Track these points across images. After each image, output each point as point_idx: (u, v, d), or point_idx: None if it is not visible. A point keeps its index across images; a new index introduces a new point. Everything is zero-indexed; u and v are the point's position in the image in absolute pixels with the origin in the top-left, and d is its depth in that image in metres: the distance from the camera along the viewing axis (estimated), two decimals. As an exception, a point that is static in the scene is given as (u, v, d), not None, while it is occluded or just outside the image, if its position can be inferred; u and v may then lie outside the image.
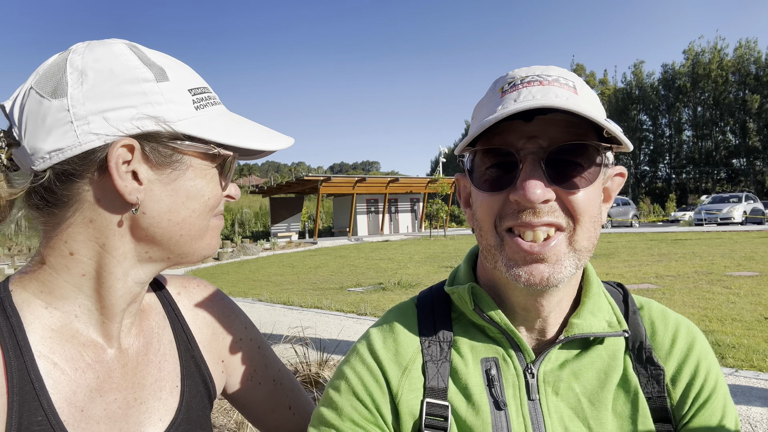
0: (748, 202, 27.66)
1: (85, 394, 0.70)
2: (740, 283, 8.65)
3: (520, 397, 0.77)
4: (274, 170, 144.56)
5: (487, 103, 0.75)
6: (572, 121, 0.70)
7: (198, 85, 0.75)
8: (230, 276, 15.87)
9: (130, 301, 0.76)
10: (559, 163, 0.70)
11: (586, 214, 0.71)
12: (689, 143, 66.60)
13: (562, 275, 0.71)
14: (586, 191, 0.71)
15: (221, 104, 0.79)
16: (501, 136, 0.71)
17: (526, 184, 0.68)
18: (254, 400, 0.97)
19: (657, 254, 13.82)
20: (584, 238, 0.72)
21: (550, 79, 0.71)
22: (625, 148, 0.74)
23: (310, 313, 8.46)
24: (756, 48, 58.86)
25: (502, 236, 0.73)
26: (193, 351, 0.87)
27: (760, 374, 4.46)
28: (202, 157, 0.74)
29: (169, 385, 0.81)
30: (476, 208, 0.77)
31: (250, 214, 50.69)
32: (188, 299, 0.92)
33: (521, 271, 0.71)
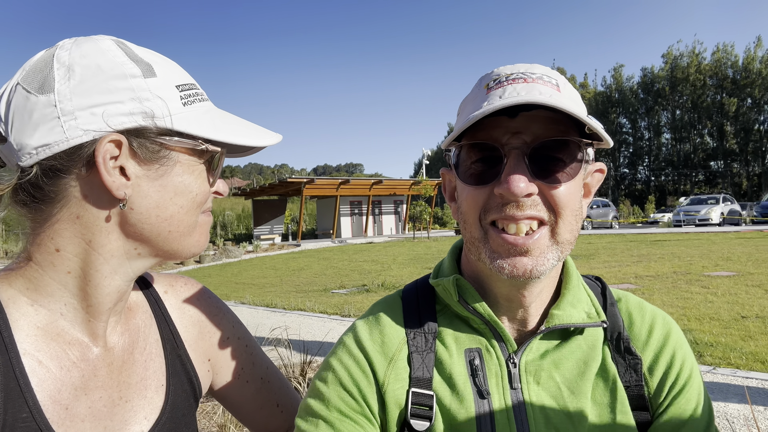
0: (726, 204, 28.21)
1: (70, 392, 0.70)
2: (718, 282, 8.82)
3: (503, 386, 0.79)
4: (257, 172, 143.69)
5: (473, 99, 0.77)
6: (555, 117, 0.73)
7: (185, 81, 0.75)
8: (212, 279, 15.72)
9: (117, 300, 0.75)
10: (542, 158, 0.72)
11: (567, 207, 0.74)
12: (668, 146, 67.77)
13: (544, 267, 0.73)
14: (567, 186, 0.74)
15: (209, 101, 0.79)
16: (486, 131, 0.74)
17: (510, 178, 0.70)
18: (242, 398, 0.97)
19: (636, 255, 14.02)
20: (566, 231, 0.75)
21: (534, 76, 0.73)
22: (606, 145, 0.76)
23: (293, 315, 8.42)
24: (733, 52, 60.18)
25: (486, 229, 0.75)
26: (179, 350, 0.87)
27: (737, 371, 4.55)
28: (189, 152, 0.74)
29: (154, 384, 0.81)
30: (461, 201, 0.78)
31: (233, 217, 50.23)
32: (175, 298, 0.92)
33: (505, 263, 0.73)
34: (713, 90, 61.10)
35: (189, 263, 22.14)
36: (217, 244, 31.54)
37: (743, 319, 6.25)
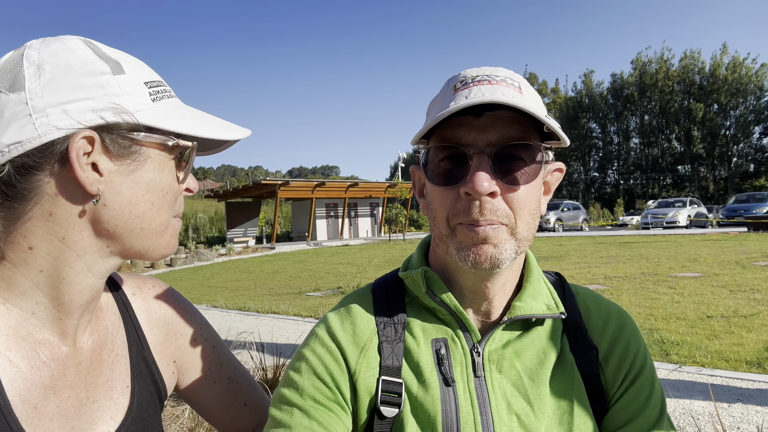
0: (693, 207, 29.00)
1: (39, 391, 0.71)
2: (684, 283, 9.05)
3: (467, 374, 0.83)
4: (231, 174, 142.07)
5: (441, 99, 0.82)
6: (517, 117, 0.77)
7: (153, 78, 0.76)
8: (184, 282, 15.47)
9: (89, 298, 0.75)
10: (504, 159, 0.77)
11: (525, 207, 0.79)
12: (636, 150, 69.19)
13: (503, 256, 0.78)
14: (526, 187, 0.79)
15: (176, 97, 0.80)
16: (452, 130, 0.78)
17: (475, 177, 0.75)
18: (209, 398, 0.98)
19: (606, 256, 14.31)
20: (524, 229, 0.80)
21: (498, 79, 0.78)
22: (563, 144, 0.81)
23: (266, 318, 8.34)
24: (700, 59, 61.73)
25: (453, 227, 0.79)
26: (144, 352, 0.88)
27: (702, 369, 4.67)
28: (160, 148, 0.74)
29: (120, 385, 0.82)
30: (431, 200, 0.83)
31: (205, 219, 49.53)
32: (143, 300, 0.92)
33: (470, 252, 0.77)
34: (681, 96, 62.60)
35: (160, 266, 21.76)
36: (189, 246, 31.06)
37: (709, 319, 6.43)
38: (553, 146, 0.82)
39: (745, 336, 5.56)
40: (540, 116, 0.73)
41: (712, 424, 3.48)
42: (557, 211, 30.55)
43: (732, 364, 4.76)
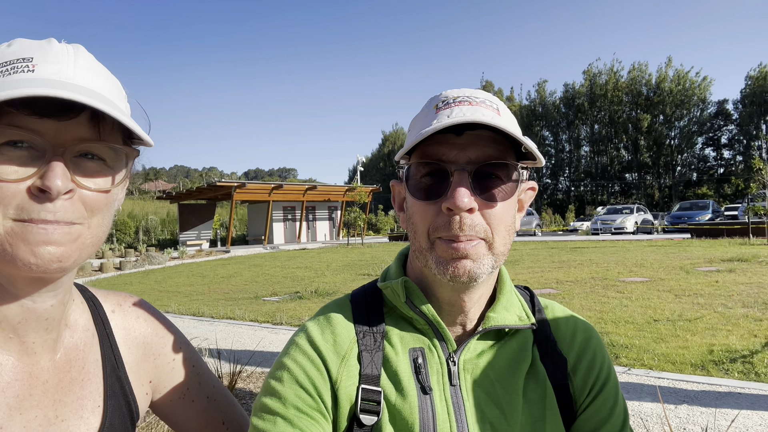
0: (639, 214, 30.24)
1: (4, 412, 0.69)
2: (632, 288, 9.40)
3: (443, 382, 0.85)
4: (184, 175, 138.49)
5: (423, 117, 0.85)
6: (495, 137, 0.81)
7: (12, 57, 0.64)
8: (134, 287, 14.95)
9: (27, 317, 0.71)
10: (483, 177, 0.81)
11: (501, 224, 0.82)
12: (587, 158, 71.53)
13: (481, 271, 0.81)
14: (502, 205, 0.82)
15: (40, 72, 0.64)
16: (434, 147, 0.81)
17: (456, 192, 0.78)
18: (187, 417, 0.97)
19: (558, 261, 14.72)
20: (500, 244, 0.83)
21: (478, 100, 0.83)
22: (538, 164, 0.85)
23: (222, 324, 8.16)
24: (647, 71, 64.42)
25: (433, 241, 0.82)
26: (118, 371, 0.85)
27: (650, 372, 4.86)
28: None
29: (91, 404, 0.80)
30: (412, 213, 0.86)
31: (157, 221, 48.08)
32: (122, 318, 0.90)
33: (449, 266, 0.80)
34: (629, 106, 65.15)
35: (109, 269, 20.97)
36: (139, 250, 30.08)
37: (655, 323, 6.70)
38: (528, 166, 0.86)
39: (690, 339, 5.82)
40: (518, 137, 0.77)
41: (660, 426, 3.61)
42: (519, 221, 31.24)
43: (678, 366, 4.98)
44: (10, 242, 0.62)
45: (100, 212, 0.70)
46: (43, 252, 0.63)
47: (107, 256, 27.92)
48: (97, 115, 0.67)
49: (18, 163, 0.63)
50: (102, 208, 0.70)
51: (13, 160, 0.62)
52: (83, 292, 0.89)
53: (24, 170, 0.63)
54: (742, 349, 5.28)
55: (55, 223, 0.64)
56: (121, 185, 0.74)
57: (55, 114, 0.63)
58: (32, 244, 0.63)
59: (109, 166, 0.70)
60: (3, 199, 0.62)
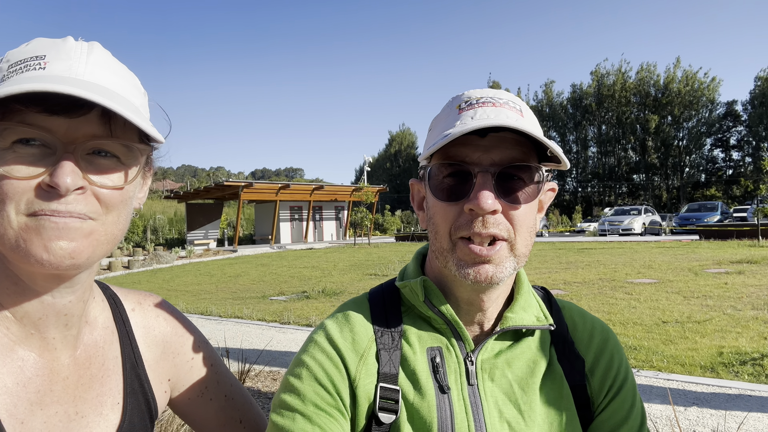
0: (647, 215, 30.06)
1: (26, 407, 0.70)
2: (640, 289, 9.36)
3: (461, 382, 0.86)
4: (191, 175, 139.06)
5: (445, 117, 0.85)
6: (519, 140, 0.81)
7: (26, 56, 0.66)
8: (142, 286, 15.03)
9: (45, 312, 0.72)
10: (506, 179, 0.80)
11: (524, 225, 0.82)
12: (594, 159, 71.16)
13: (503, 274, 0.81)
14: (525, 206, 0.82)
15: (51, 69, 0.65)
16: (457, 148, 0.81)
17: (480, 195, 0.78)
18: (205, 415, 0.97)
19: (565, 262, 14.67)
20: (522, 246, 0.83)
21: (501, 102, 0.82)
22: (563, 167, 0.84)
23: (229, 323, 8.20)
24: (655, 71, 63.99)
25: (455, 242, 0.82)
26: (138, 369, 0.86)
27: (659, 374, 4.84)
28: None
29: (110, 401, 0.80)
30: (433, 214, 0.85)
31: (164, 221, 48.29)
32: (142, 316, 0.91)
33: (470, 270, 0.80)
34: (637, 107, 64.89)
35: (117, 268, 21.09)
36: (147, 249, 30.23)
37: (664, 324, 6.66)
38: (552, 168, 0.86)
39: (699, 341, 5.78)
40: (543, 140, 0.77)
41: (670, 427, 3.60)
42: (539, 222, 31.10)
43: (687, 368, 4.95)
44: (24, 238, 0.63)
45: (115, 209, 0.69)
46: (55, 247, 0.63)
47: (115, 255, 28.06)
48: (108, 112, 0.66)
49: (29, 160, 0.63)
50: (117, 204, 0.69)
51: (25, 157, 0.63)
52: (104, 290, 0.89)
53: (35, 168, 0.63)
54: (752, 352, 5.25)
55: (67, 216, 0.64)
56: (135, 182, 0.73)
57: (65, 111, 0.63)
58: (45, 239, 0.63)
59: (122, 163, 0.70)
60: (14, 195, 0.62)
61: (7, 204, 0.62)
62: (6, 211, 0.62)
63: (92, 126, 0.66)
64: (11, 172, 0.62)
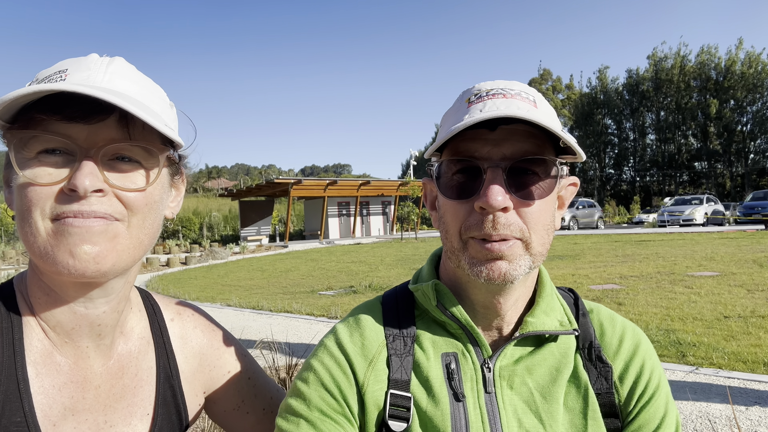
0: (709, 204, 28.59)
1: (60, 411, 0.71)
2: (701, 282, 8.92)
3: (478, 390, 0.82)
4: (244, 173, 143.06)
5: (455, 112, 0.81)
6: (532, 132, 0.77)
7: (52, 72, 0.69)
8: (198, 281, 15.59)
9: (78, 322, 0.74)
10: (519, 174, 0.76)
11: (539, 223, 0.78)
12: (653, 147, 68.35)
13: (517, 272, 0.77)
14: (540, 203, 0.78)
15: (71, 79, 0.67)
16: (466, 143, 0.77)
17: (489, 191, 0.74)
18: (242, 427, 0.97)
19: (621, 255, 14.16)
20: (538, 244, 0.79)
21: (513, 92, 0.78)
22: (579, 158, 0.80)
23: (279, 317, 8.38)
24: (716, 54, 60.72)
25: (465, 241, 0.78)
26: (172, 380, 0.86)
27: (720, 372, 4.60)
28: (10, 147, 0.67)
29: (140, 412, 0.81)
30: (443, 213, 0.82)
31: (219, 218, 49.84)
32: (180, 327, 0.91)
33: (483, 267, 0.77)
34: (697, 91, 61.80)
35: (175, 264, 21.95)
36: (203, 245, 31.31)
37: (726, 319, 6.33)
38: (568, 161, 0.81)
39: (763, 337, 5.46)
40: (556, 130, 0.72)
41: (729, 428, 3.42)
42: (572, 209, 30.27)
43: (750, 365, 4.68)
44: (51, 243, 0.65)
45: (140, 212, 0.71)
46: (79, 252, 0.65)
47: (173, 251, 29.23)
48: (126, 117, 0.68)
49: (52, 167, 0.66)
50: (141, 207, 0.71)
51: (48, 165, 0.66)
52: (145, 298, 0.90)
53: (57, 173, 0.66)
54: (825, 349, 4.91)
55: (91, 216, 0.66)
56: (158, 185, 0.74)
57: (83, 118, 0.65)
58: (70, 244, 0.65)
59: (143, 167, 0.72)
60: (39, 201, 0.65)
61: (34, 211, 0.65)
62: (33, 218, 0.65)
63: (111, 131, 0.68)
64: (36, 179, 0.64)
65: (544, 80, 76.81)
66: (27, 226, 0.65)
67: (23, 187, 0.65)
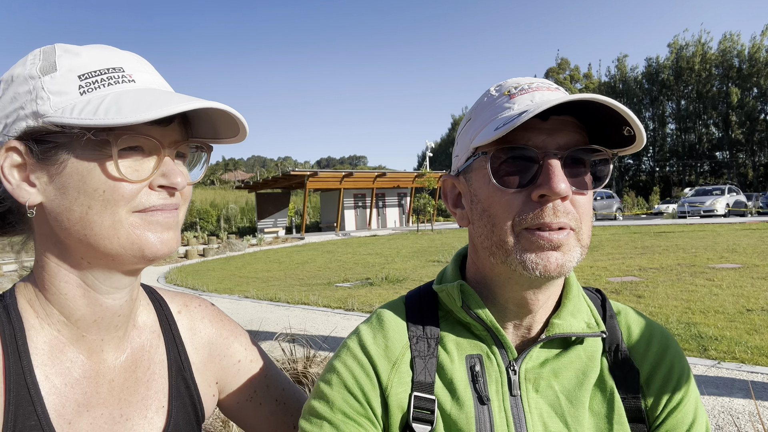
0: (731, 195, 28.04)
1: (73, 408, 0.72)
2: (723, 275, 8.78)
3: (503, 392, 0.80)
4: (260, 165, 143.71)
5: (490, 105, 0.80)
6: (579, 124, 0.77)
7: (98, 67, 0.69)
8: (216, 273, 15.76)
9: (102, 315, 0.75)
10: (574, 163, 0.76)
11: (588, 214, 0.78)
12: (673, 136, 67.10)
13: (571, 263, 0.76)
14: (590, 194, 0.78)
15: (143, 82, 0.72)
16: (518, 133, 0.75)
17: (553, 177, 0.72)
18: (255, 419, 0.97)
19: (641, 247, 13.98)
20: (586, 236, 0.78)
21: (554, 87, 0.78)
22: (636, 148, 0.77)
23: (297, 309, 8.44)
24: (739, 41, 59.21)
25: (518, 233, 0.76)
26: (184, 372, 0.87)
27: (742, 366, 4.53)
28: (81, 146, 0.67)
29: (155, 405, 0.81)
30: (489, 205, 0.78)
31: (236, 210, 50.32)
32: (188, 318, 0.92)
33: (538, 259, 0.74)
34: (719, 80, 60.44)
35: (193, 256, 22.20)
36: (220, 237, 31.64)
37: (748, 312, 6.22)
38: (620, 153, 0.79)
39: (788, 331, 5.36)
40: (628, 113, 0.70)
41: (752, 424, 3.37)
42: None
43: (774, 360, 4.60)
44: (137, 234, 0.70)
45: (187, 201, 0.78)
46: (165, 238, 0.72)
47: (192, 243, 29.58)
48: (185, 120, 0.75)
49: (138, 164, 0.70)
50: (189, 197, 0.78)
51: (134, 162, 0.69)
52: (150, 294, 0.91)
53: (144, 170, 0.70)
54: None
55: (170, 209, 0.73)
56: None
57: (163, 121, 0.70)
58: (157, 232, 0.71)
59: (190, 162, 0.79)
60: (129, 197, 0.69)
61: (121, 206, 0.68)
62: (118, 213, 0.68)
63: (175, 132, 0.73)
64: (126, 176, 0.68)
65: (561, 69, 75.75)
66: (107, 219, 0.68)
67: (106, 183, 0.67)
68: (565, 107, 0.72)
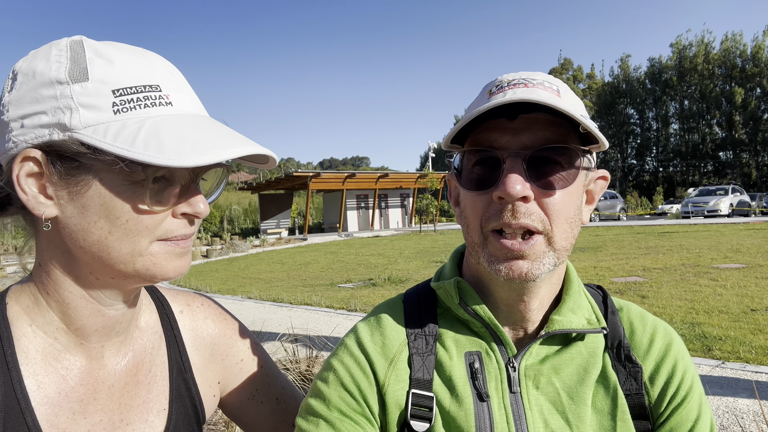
0: (735, 195, 27.95)
1: (68, 416, 0.70)
2: (727, 275, 8.74)
3: (502, 389, 0.80)
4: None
5: (477, 105, 0.79)
6: (554, 120, 0.74)
7: (134, 83, 0.64)
8: (219, 274, 15.78)
9: (105, 324, 0.73)
10: (539, 163, 0.74)
11: (561, 215, 0.75)
12: (676, 136, 66.93)
13: (540, 271, 0.74)
14: (562, 192, 0.75)
15: (180, 104, 0.67)
16: (486, 133, 0.76)
17: (507, 179, 0.71)
18: (256, 418, 0.96)
19: (644, 247, 13.94)
20: (561, 239, 0.76)
21: (535, 82, 0.75)
22: (601, 147, 0.77)
23: (299, 310, 8.44)
24: (741, 41, 59.08)
25: (486, 235, 0.76)
26: (185, 373, 0.85)
27: (747, 366, 4.51)
28: (111, 171, 0.63)
29: (156, 408, 0.80)
30: (464, 206, 0.81)
31: (239, 211, 50.38)
32: (190, 318, 0.90)
33: (502, 266, 0.74)
34: (722, 79, 60.26)
35: (196, 258, 22.22)
36: (223, 238, 31.72)
37: (753, 312, 6.20)
38: (592, 149, 0.79)
39: (793, 331, 5.33)
40: (574, 115, 0.69)
41: (756, 424, 3.35)
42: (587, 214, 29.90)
43: (778, 360, 4.58)
44: (153, 261, 0.68)
45: None
46: (181, 264, 0.71)
47: (195, 244, 29.61)
48: None
49: (163, 193, 0.67)
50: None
51: (159, 191, 0.67)
52: (152, 293, 0.89)
53: (168, 198, 0.68)
54: None
55: (190, 237, 0.72)
56: None
57: None
58: (173, 261, 0.70)
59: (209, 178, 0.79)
60: (149, 227, 0.66)
61: (144, 236, 0.66)
62: (140, 243, 0.66)
63: None
64: (153, 207, 0.66)
65: (564, 70, 75.66)
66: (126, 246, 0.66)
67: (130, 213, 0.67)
68: (533, 105, 0.71)
